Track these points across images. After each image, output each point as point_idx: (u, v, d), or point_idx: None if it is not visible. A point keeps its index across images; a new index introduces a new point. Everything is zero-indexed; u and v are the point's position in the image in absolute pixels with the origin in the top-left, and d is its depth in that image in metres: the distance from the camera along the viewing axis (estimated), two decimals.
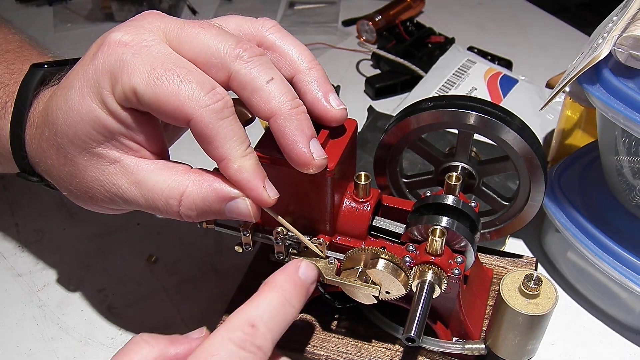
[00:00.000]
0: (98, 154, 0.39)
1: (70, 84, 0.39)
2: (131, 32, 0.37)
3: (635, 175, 0.50)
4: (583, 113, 0.64)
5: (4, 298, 0.57)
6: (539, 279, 0.43)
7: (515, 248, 0.60)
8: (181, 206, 0.38)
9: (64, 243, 0.63)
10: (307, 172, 0.38)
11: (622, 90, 0.45)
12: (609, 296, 0.54)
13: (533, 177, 0.48)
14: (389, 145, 0.51)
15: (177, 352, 0.34)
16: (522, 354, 0.47)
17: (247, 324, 0.33)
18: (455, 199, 0.45)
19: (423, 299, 0.41)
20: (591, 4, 2.10)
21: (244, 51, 0.37)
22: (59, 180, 0.42)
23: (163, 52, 0.37)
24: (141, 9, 0.98)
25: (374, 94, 0.83)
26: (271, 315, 0.33)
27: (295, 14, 1.04)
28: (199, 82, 0.36)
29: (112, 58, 0.37)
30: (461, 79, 0.79)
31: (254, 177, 0.37)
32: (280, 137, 0.37)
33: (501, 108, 0.47)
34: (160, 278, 0.59)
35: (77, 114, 0.38)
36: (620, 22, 0.47)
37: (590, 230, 0.52)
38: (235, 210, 0.38)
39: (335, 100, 0.40)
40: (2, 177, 0.69)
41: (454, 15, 1.03)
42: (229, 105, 0.36)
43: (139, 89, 0.36)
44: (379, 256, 0.42)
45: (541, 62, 0.90)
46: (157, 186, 0.38)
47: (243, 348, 0.32)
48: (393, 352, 0.49)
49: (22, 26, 0.56)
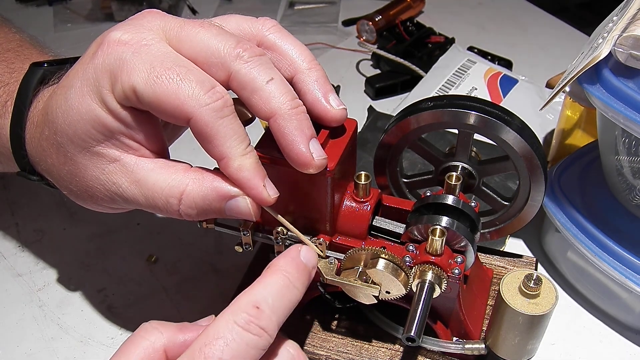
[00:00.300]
0: (98, 152, 0.39)
1: (70, 83, 0.39)
2: (131, 30, 0.37)
3: (635, 175, 0.50)
4: (583, 113, 0.64)
5: (4, 298, 0.57)
6: (539, 278, 0.43)
7: (515, 248, 0.60)
8: (181, 205, 0.38)
9: (64, 243, 0.63)
10: (307, 172, 0.38)
11: (622, 90, 0.45)
12: (609, 296, 0.54)
13: (533, 177, 0.48)
14: (389, 145, 0.51)
15: (186, 339, 0.35)
16: (522, 354, 0.47)
17: (251, 305, 0.33)
18: (455, 198, 0.45)
19: (423, 299, 0.41)
20: (591, 4, 2.10)
21: (244, 51, 0.37)
22: (59, 180, 0.42)
23: (163, 50, 0.37)
24: (141, 8, 0.97)
25: (374, 94, 0.83)
26: (276, 298, 0.34)
27: (295, 13, 1.04)
28: (199, 80, 0.36)
29: (111, 57, 0.37)
30: (461, 79, 0.79)
31: (254, 176, 0.37)
32: (280, 137, 0.37)
33: (501, 108, 0.47)
34: (160, 278, 0.59)
35: (76, 113, 0.38)
36: (620, 22, 0.47)
37: (590, 230, 0.52)
38: (235, 208, 0.38)
39: (335, 100, 0.40)
40: (2, 177, 0.69)
41: (454, 15, 1.03)
42: (228, 104, 0.36)
43: (139, 87, 0.36)
44: (379, 256, 0.42)
45: (541, 62, 0.90)
46: (157, 185, 0.38)
47: (248, 330, 0.32)
48: (393, 352, 0.49)
49: (22, 26, 0.56)
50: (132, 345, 0.34)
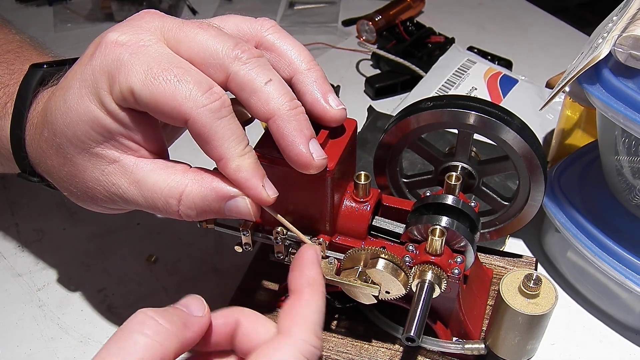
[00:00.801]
0: (97, 154, 0.39)
1: (69, 84, 0.39)
2: (128, 32, 0.37)
3: (635, 175, 0.50)
4: (583, 113, 0.64)
5: (4, 298, 0.57)
6: (538, 278, 0.43)
7: (515, 248, 0.60)
8: (181, 205, 0.38)
9: (64, 243, 0.63)
10: (307, 173, 0.38)
11: (622, 90, 0.45)
12: (609, 296, 0.54)
13: (533, 177, 0.48)
14: (389, 145, 0.51)
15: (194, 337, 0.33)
16: (522, 354, 0.47)
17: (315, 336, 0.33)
18: (455, 198, 0.45)
19: (423, 299, 0.41)
20: (591, 4, 2.10)
21: (243, 52, 0.37)
22: (59, 181, 0.42)
23: (160, 51, 0.37)
24: (141, 8, 0.97)
25: (373, 94, 0.83)
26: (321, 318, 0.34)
27: (295, 14, 1.04)
28: (196, 81, 0.36)
29: (109, 58, 0.37)
30: (461, 79, 0.79)
31: (253, 176, 0.37)
32: (279, 138, 0.37)
33: (501, 108, 0.47)
34: (160, 278, 0.59)
35: (75, 114, 0.38)
36: (620, 22, 0.47)
37: (590, 230, 0.52)
38: (234, 209, 0.38)
39: (335, 101, 0.40)
40: (2, 177, 0.69)
41: (454, 15, 1.03)
42: (226, 104, 0.36)
43: (136, 89, 0.36)
44: (378, 256, 0.42)
45: (541, 62, 0.90)
46: (156, 185, 0.38)
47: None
48: (393, 352, 0.49)
49: (22, 26, 0.56)
50: (126, 341, 0.29)
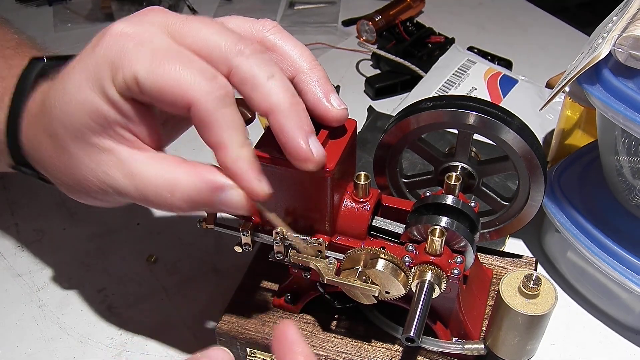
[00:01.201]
0: (93, 143, 0.38)
1: (69, 73, 0.38)
2: (133, 24, 0.37)
3: (635, 175, 0.50)
4: (583, 113, 0.64)
5: (4, 298, 0.57)
6: (538, 279, 0.43)
7: (515, 248, 0.60)
8: (173, 197, 0.38)
9: (64, 243, 0.63)
10: (307, 169, 0.38)
11: (622, 90, 0.45)
12: (609, 296, 0.54)
13: (533, 177, 0.48)
14: (389, 145, 0.51)
15: None
16: (521, 354, 0.47)
17: None
18: (454, 199, 0.45)
19: (423, 299, 0.41)
20: (591, 4, 2.10)
21: (246, 47, 0.37)
22: (53, 171, 0.42)
23: (165, 42, 0.37)
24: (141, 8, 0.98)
25: (373, 94, 0.83)
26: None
27: (295, 14, 1.04)
28: (201, 69, 0.36)
29: (114, 48, 0.37)
30: (461, 79, 0.79)
31: (250, 168, 0.37)
32: (279, 133, 0.37)
33: (501, 108, 0.47)
34: (160, 278, 0.59)
35: (74, 102, 0.38)
36: (620, 22, 0.47)
37: (590, 230, 0.52)
38: (227, 201, 0.37)
39: (337, 100, 0.40)
40: (2, 177, 0.69)
41: (454, 15, 1.03)
42: (230, 94, 0.36)
43: (141, 76, 0.35)
44: (378, 256, 0.42)
45: (541, 62, 0.90)
46: (149, 177, 0.38)
47: None
48: (393, 352, 0.49)
49: (22, 26, 0.56)
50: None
